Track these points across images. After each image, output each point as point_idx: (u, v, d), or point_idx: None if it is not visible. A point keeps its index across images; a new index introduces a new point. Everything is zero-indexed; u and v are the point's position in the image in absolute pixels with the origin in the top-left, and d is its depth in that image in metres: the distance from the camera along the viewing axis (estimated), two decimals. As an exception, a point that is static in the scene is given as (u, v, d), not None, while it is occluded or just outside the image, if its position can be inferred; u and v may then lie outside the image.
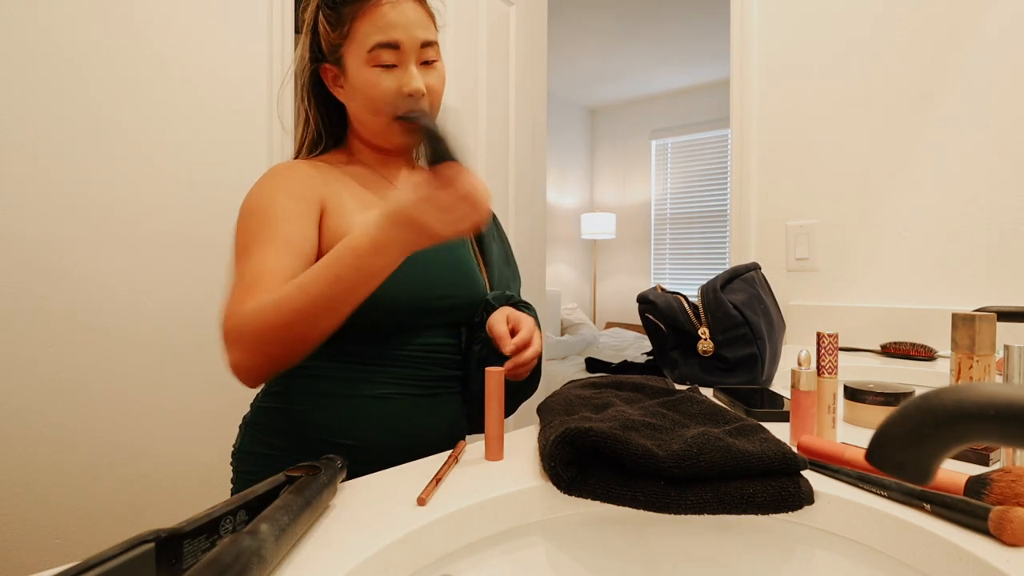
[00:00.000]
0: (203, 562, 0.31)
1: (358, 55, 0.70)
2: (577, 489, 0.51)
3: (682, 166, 4.60)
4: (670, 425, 0.57)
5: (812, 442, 0.58)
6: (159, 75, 1.17)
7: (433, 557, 0.44)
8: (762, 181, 1.57)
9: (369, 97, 0.71)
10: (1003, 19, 1.21)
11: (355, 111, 0.75)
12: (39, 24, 1.03)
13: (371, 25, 0.69)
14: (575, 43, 3.73)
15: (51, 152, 1.04)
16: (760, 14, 1.57)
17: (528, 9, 1.94)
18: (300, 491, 0.42)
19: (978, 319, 0.62)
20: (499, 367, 0.59)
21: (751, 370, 0.92)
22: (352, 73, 0.72)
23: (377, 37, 0.69)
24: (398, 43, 0.70)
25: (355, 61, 0.71)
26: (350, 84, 0.73)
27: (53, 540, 1.04)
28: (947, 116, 1.28)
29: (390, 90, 0.71)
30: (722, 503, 0.48)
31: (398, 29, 0.69)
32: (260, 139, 1.34)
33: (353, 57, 0.71)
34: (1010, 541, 0.40)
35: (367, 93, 0.71)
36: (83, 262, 1.08)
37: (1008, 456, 0.55)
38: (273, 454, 0.72)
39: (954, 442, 0.23)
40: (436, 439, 0.74)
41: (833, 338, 0.65)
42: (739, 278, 0.99)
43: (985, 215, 1.23)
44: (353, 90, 0.73)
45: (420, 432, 0.74)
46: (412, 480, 0.53)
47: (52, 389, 1.04)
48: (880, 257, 1.37)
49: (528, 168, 1.93)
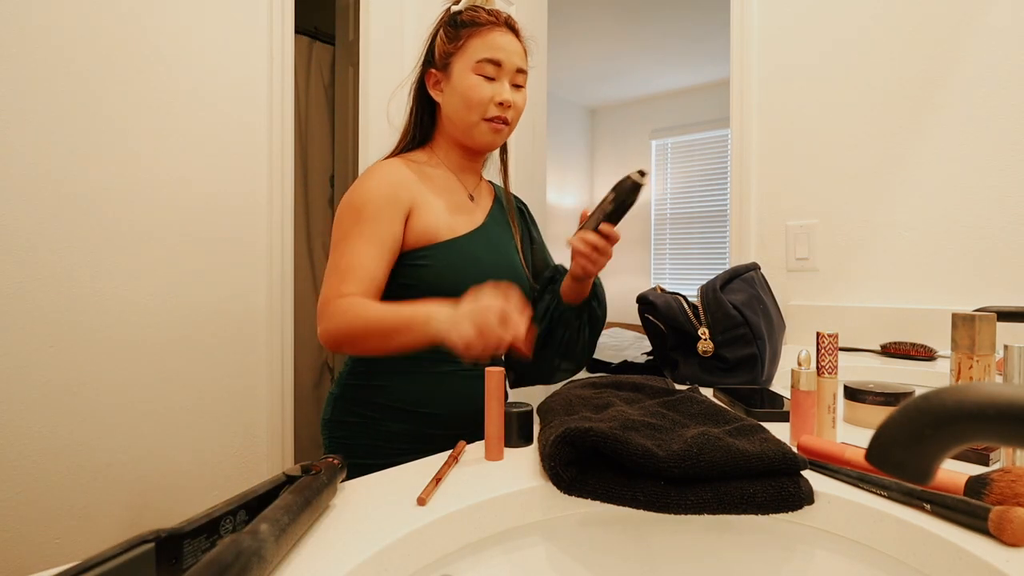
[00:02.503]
0: (203, 562, 0.31)
1: (466, 64, 0.85)
2: (577, 489, 0.51)
3: (682, 166, 4.60)
4: (670, 425, 0.57)
5: (812, 442, 0.58)
6: (159, 75, 1.17)
7: (433, 557, 0.44)
8: (762, 181, 1.57)
9: (467, 97, 0.85)
10: (1003, 19, 1.21)
11: (450, 110, 0.88)
12: (39, 24, 1.02)
13: (482, 43, 0.85)
14: (575, 43, 3.72)
15: (51, 152, 1.04)
16: (760, 14, 1.57)
17: (528, 9, 1.94)
18: (300, 491, 0.42)
19: (978, 319, 0.61)
20: (499, 367, 0.59)
21: (751, 370, 0.92)
22: (456, 77, 0.86)
23: (485, 53, 0.85)
24: (500, 62, 0.85)
25: (462, 68, 0.85)
26: (451, 86, 0.87)
27: (53, 540, 1.04)
28: (947, 116, 1.28)
29: (486, 95, 0.85)
30: (722, 503, 0.48)
31: (502, 52, 0.85)
32: (260, 139, 1.34)
33: (460, 65, 0.86)
34: (1010, 541, 0.40)
35: (467, 94, 0.85)
36: (83, 263, 1.07)
37: (1008, 456, 0.55)
38: (361, 422, 0.86)
39: (954, 442, 0.23)
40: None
41: (833, 338, 0.65)
42: (739, 278, 0.99)
43: (985, 215, 1.23)
44: (453, 90, 0.86)
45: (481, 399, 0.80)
46: (412, 480, 0.53)
47: (52, 389, 1.04)
48: (880, 257, 1.37)
49: (528, 168, 1.93)
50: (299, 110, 2.33)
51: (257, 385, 1.34)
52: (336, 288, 0.77)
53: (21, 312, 1.01)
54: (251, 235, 1.32)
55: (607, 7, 3.23)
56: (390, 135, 1.40)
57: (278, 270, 1.37)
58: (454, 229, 0.87)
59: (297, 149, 2.32)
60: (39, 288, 1.03)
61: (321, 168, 2.42)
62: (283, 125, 1.38)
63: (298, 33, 2.29)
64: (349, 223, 0.81)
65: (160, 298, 1.17)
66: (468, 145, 0.90)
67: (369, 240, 0.80)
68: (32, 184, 1.02)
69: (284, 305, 1.38)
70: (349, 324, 0.74)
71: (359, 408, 0.87)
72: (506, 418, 0.61)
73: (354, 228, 0.80)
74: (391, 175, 0.84)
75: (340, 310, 0.75)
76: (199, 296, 1.23)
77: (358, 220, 0.80)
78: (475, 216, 0.92)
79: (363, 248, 0.79)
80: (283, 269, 1.38)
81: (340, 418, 0.88)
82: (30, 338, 1.02)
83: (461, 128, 0.88)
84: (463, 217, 0.89)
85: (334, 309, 0.75)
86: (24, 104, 1.01)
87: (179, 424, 1.20)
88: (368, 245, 0.80)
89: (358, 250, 0.79)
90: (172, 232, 1.19)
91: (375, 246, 0.80)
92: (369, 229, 0.80)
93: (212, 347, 1.25)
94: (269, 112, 1.35)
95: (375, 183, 0.83)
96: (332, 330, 0.75)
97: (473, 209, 0.92)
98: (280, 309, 1.37)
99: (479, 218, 0.92)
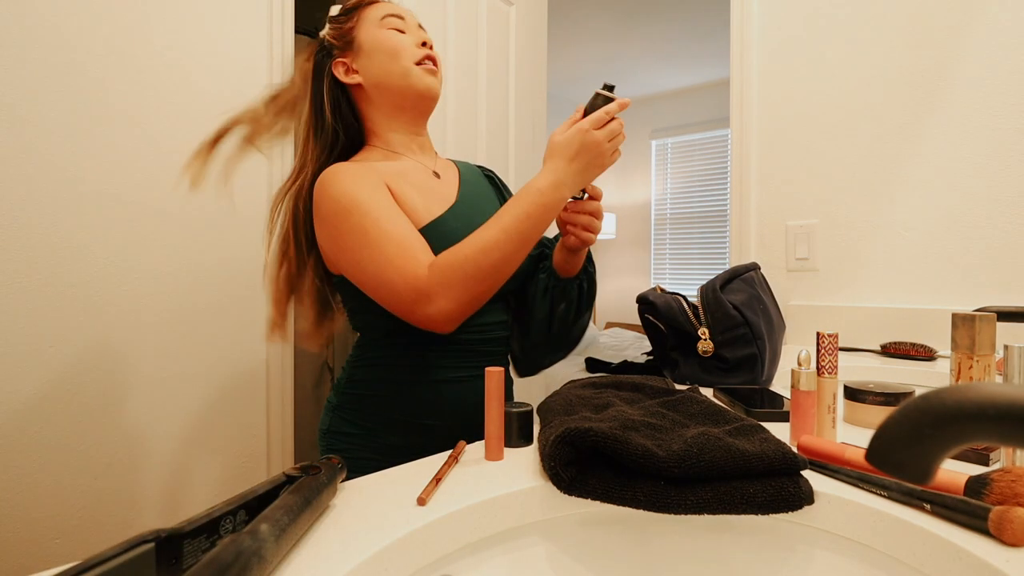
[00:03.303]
0: (203, 562, 0.31)
1: (371, 26, 0.83)
2: (577, 489, 0.51)
3: (682, 166, 4.60)
4: (670, 425, 0.57)
5: (812, 442, 0.58)
6: (159, 75, 1.17)
7: (433, 557, 0.44)
8: (762, 181, 1.57)
9: (389, 47, 0.81)
10: (1004, 19, 1.21)
11: (377, 71, 0.82)
12: (39, 25, 1.03)
13: (377, 8, 0.84)
14: (575, 43, 3.72)
15: (51, 152, 1.04)
16: (760, 14, 1.57)
17: (528, 9, 1.94)
18: (300, 491, 0.42)
19: (978, 319, 0.61)
20: (499, 367, 0.59)
21: (751, 370, 0.92)
22: (368, 41, 0.82)
23: (386, 10, 0.83)
24: (402, 16, 0.84)
25: (368, 30, 0.82)
26: (366, 53, 0.82)
27: (53, 540, 1.04)
28: (948, 116, 1.28)
29: (406, 40, 0.82)
30: (722, 503, 0.48)
31: (398, 10, 0.85)
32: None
33: (366, 30, 0.83)
34: (1010, 541, 0.40)
35: (386, 44, 0.81)
36: (83, 262, 1.08)
37: (1008, 456, 0.55)
38: (359, 433, 0.82)
39: (954, 442, 0.23)
40: None
41: (833, 338, 0.65)
42: (739, 278, 0.99)
43: (985, 215, 1.23)
44: (371, 55, 0.82)
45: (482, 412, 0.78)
46: (412, 480, 0.53)
47: (52, 389, 1.04)
48: (880, 257, 1.37)
49: (528, 168, 1.93)
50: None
51: (257, 385, 1.34)
52: (411, 266, 0.69)
53: (21, 312, 1.01)
54: (251, 235, 1.32)
55: (607, 7, 3.23)
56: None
57: (278, 270, 1.37)
58: (431, 211, 0.80)
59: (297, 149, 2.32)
60: (39, 288, 1.03)
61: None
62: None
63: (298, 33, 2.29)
64: (360, 220, 0.72)
65: (160, 298, 1.17)
66: (408, 101, 0.83)
67: (388, 219, 0.72)
68: (32, 184, 1.02)
69: (284, 305, 1.38)
70: (486, 259, 0.67)
71: (356, 419, 0.83)
72: (506, 418, 0.61)
73: (367, 220, 0.72)
74: (354, 170, 0.76)
75: (460, 263, 0.68)
76: (199, 296, 1.23)
77: (366, 213, 0.72)
78: (447, 194, 0.85)
79: (390, 224, 0.72)
80: (283, 269, 1.38)
81: (337, 428, 0.84)
82: (30, 338, 1.02)
83: (396, 83, 0.82)
84: (435, 197, 0.83)
85: (451, 268, 0.68)
86: (24, 104, 1.01)
87: (179, 424, 1.20)
88: (394, 218, 0.73)
89: (393, 228, 0.71)
90: (172, 232, 1.19)
91: (399, 216, 0.73)
92: (383, 213, 0.73)
93: (212, 347, 1.25)
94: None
95: (347, 179, 0.75)
96: (465, 286, 0.68)
97: (442, 186, 0.86)
98: (280, 309, 1.37)
99: (451, 194, 0.86)
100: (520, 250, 0.69)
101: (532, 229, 0.69)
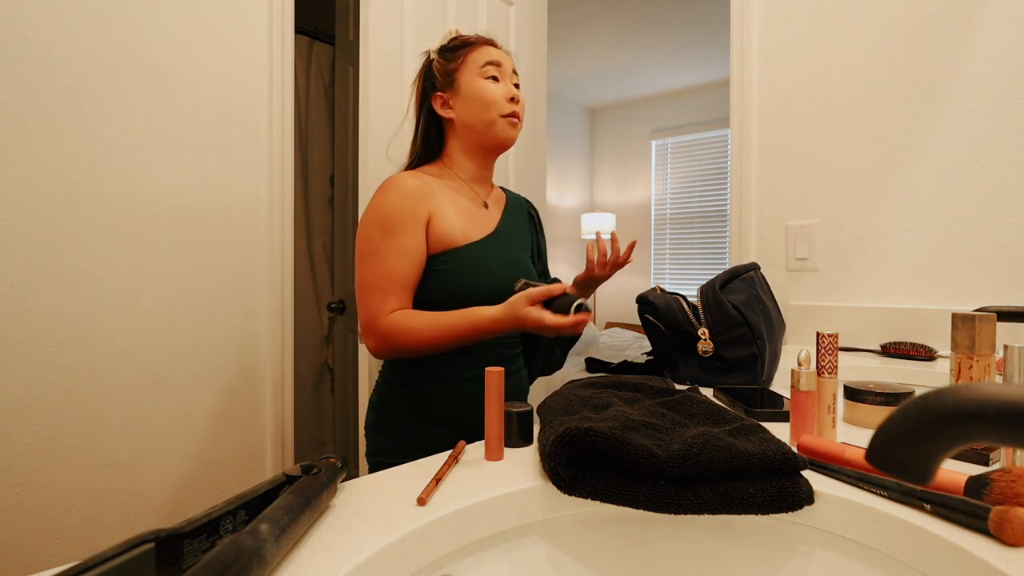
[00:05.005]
0: (203, 562, 0.31)
1: (471, 72, 0.94)
2: (577, 489, 0.51)
3: (682, 166, 4.60)
4: (670, 425, 0.57)
5: (812, 442, 0.58)
6: (159, 75, 1.17)
7: (433, 557, 0.44)
8: (762, 181, 1.57)
9: (484, 98, 0.93)
10: (1004, 20, 1.21)
11: (467, 116, 0.95)
12: (41, 26, 1.02)
13: (480, 53, 0.95)
14: (575, 43, 3.72)
15: (51, 154, 1.04)
16: (760, 14, 1.57)
17: (528, 9, 1.94)
18: (300, 491, 0.42)
19: (978, 319, 0.61)
20: (499, 367, 0.59)
21: (751, 370, 0.92)
22: (466, 86, 0.94)
23: (487, 58, 0.95)
24: (499, 63, 0.95)
25: (469, 77, 0.94)
26: (462, 96, 0.95)
27: (53, 540, 1.04)
28: (948, 116, 1.28)
29: (499, 92, 0.94)
30: (722, 503, 0.48)
31: (499, 57, 0.96)
32: (260, 139, 1.34)
33: (466, 75, 0.94)
34: (1010, 541, 0.40)
35: (482, 95, 0.93)
36: (83, 262, 1.07)
37: (1008, 456, 0.55)
38: (400, 426, 0.92)
39: (954, 442, 0.23)
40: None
41: (833, 338, 0.65)
42: (738, 278, 0.99)
43: (985, 215, 1.23)
44: (466, 99, 0.94)
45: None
46: (412, 480, 0.53)
47: (52, 389, 1.04)
48: (880, 257, 1.37)
49: (528, 168, 1.93)
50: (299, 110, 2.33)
51: (257, 385, 1.34)
52: (380, 306, 0.85)
53: (21, 312, 1.01)
54: (251, 235, 1.32)
55: (607, 7, 3.23)
56: (390, 136, 1.40)
57: (278, 270, 1.37)
58: (469, 235, 0.92)
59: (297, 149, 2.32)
60: (39, 289, 1.03)
61: (321, 168, 2.42)
62: (283, 125, 1.38)
63: (298, 33, 2.29)
64: (377, 237, 0.86)
65: (160, 298, 1.17)
66: (488, 145, 0.97)
67: (400, 252, 0.86)
68: (32, 185, 1.02)
69: (284, 305, 1.38)
70: (414, 342, 0.84)
71: (396, 414, 0.93)
72: (506, 418, 0.62)
73: (382, 242, 0.86)
74: (409, 187, 0.89)
75: (392, 327, 0.84)
76: (199, 296, 1.23)
77: (386, 234, 0.86)
78: (489, 223, 0.98)
79: (395, 260, 0.86)
80: (283, 269, 1.38)
81: (381, 423, 0.94)
82: (30, 338, 1.02)
83: (481, 130, 0.95)
84: (477, 224, 0.95)
85: (385, 327, 0.84)
86: (24, 104, 1.01)
87: (179, 424, 1.20)
88: (399, 256, 0.86)
89: (391, 262, 0.86)
90: (172, 232, 1.19)
91: (406, 257, 0.86)
92: (398, 242, 0.86)
93: (212, 347, 1.25)
94: (269, 112, 1.35)
95: (395, 197, 0.88)
96: (390, 347, 0.85)
97: (487, 216, 0.98)
98: (280, 309, 1.37)
99: (491, 225, 0.97)
100: (450, 347, 0.85)
101: (466, 339, 0.84)
